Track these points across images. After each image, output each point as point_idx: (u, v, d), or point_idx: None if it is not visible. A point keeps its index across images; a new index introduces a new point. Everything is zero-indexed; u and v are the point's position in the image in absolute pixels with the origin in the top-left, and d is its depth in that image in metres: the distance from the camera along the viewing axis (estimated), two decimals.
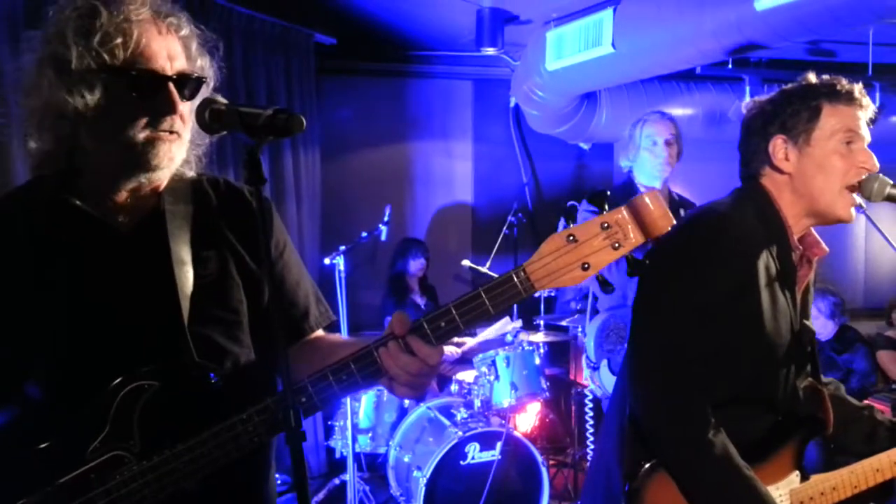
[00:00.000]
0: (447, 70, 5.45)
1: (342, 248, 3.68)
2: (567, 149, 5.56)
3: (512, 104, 5.54)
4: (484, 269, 5.03)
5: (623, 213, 1.03)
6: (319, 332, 1.43)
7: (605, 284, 1.07)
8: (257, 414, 1.13)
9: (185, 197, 1.29)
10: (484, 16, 4.34)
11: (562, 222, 4.07)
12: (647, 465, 1.49)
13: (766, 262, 1.52)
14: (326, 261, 3.71)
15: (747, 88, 4.80)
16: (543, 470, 3.49)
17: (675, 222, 1.05)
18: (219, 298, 1.27)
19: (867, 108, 1.56)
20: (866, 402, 3.35)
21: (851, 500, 1.64)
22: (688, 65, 3.91)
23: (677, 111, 4.76)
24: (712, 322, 1.47)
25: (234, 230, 1.31)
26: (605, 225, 1.03)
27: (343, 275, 3.61)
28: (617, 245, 1.03)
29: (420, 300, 4.74)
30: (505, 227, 5.11)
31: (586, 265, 1.03)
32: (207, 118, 1.12)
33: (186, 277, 1.23)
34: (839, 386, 1.80)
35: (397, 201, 5.14)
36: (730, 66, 4.72)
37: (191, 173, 1.28)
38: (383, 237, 4.09)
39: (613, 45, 3.79)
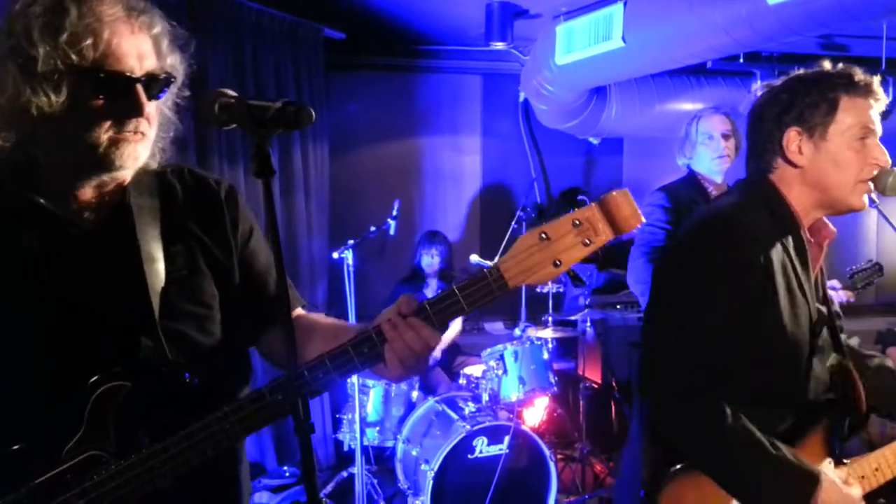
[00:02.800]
0: (456, 65, 5.44)
1: (350, 242, 3.68)
2: (576, 144, 5.55)
3: (521, 99, 5.52)
4: (492, 264, 5.02)
5: (594, 210, 1.05)
6: (299, 311, 1.43)
7: (575, 279, 1.10)
8: (233, 413, 1.14)
9: (151, 190, 1.28)
10: (493, 10, 4.33)
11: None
12: (663, 473, 1.49)
13: (781, 260, 1.50)
14: (335, 255, 3.72)
15: (758, 83, 4.76)
16: (551, 464, 3.49)
17: (644, 221, 1.06)
18: (190, 293, 1.26)
19: (881, 100, 1.54)
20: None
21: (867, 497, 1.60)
22: (698, 59, 3.89)
23: (687, 106, 4.73)
24: (734, 328, 1.44)
25: (201, 222, 1.31)
26: (577, 222, 1.05)
27: (351, 269, 3.61)
28: (587, 242, 1.05)
29: (434, 292, 4.69)
30: (513, 222, 5.09)
31: (558, 262, 1.06)
32: (217, 111, 1.12)
33: (156, 273, 1.22)
34: (884, 359, 1.74)
35: (406, 196, 5.15)
36: (741, 60, 4.70)
37: (154, 165, 1.27)
38: (392, 231, 4.09)
39: (623, 39, 3.77)
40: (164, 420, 1.15)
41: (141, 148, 1.19)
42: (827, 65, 1.58)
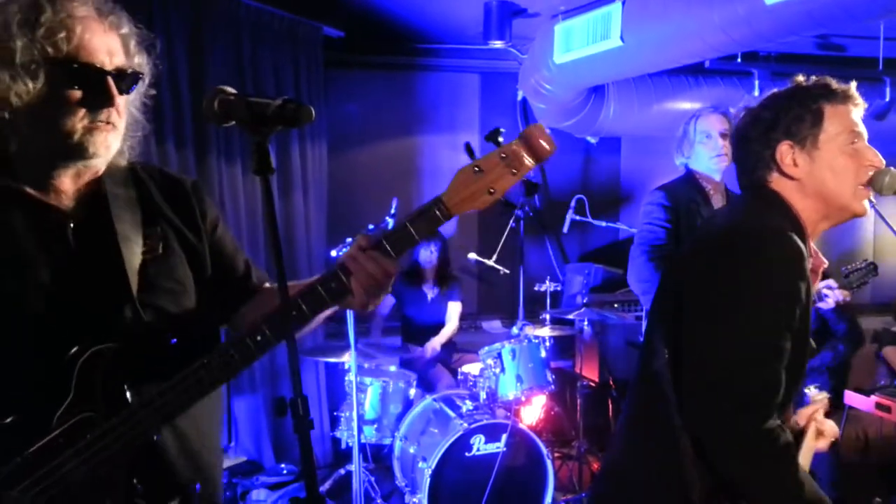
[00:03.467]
0: (454, 63, 5.43)
1: (349, 240, 3.68)
2: (574, 143, 5.55)
3: (519, 98, 5.53)
4: (490, 262, 5.02)
5: (517, 144, 1.24)
6: (267, 285, 1.56)
7: (507, 205, 1.14)
8: (217, 357, 1.25)
9: (126, 181, 1.38)
10: (492, 8, 4.33)
11: (570, 213, 4.04)
12: (726, 497, 1.45)
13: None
14: (333, 252, 3.71)
15: (756, 82, 4.78)
16: (548, 462, 3.50)
17: (556, 147, 1.22)
18: (166, 270, 1.37)
19: (861, 105, 1.56)
20: (874, 397, 3.36)
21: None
22: (696, 58, 3.90)
23: (685, 105, 4.75)
24: (788, 348, 1.44)
25: (174, 210, 1.42)
26: (504, 155, 1.23)
27: None
28: (515, 171, 1.24)
29: (431, 290, 4.70)
30: (511, 221, 5.10)
31: (492, 190, 1.24)
32: (216, 108, 1.13)
33: (133, 253, 1.32)
34: None
35: (404, 194, 5.14)
36: (739, 59, 4.70)
37: (124, 162, 1.38)
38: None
39: (622, 38, 3.77)
40: (148, 379, 1.26)
41: (112, 138, 1.28)
42: (800, 78, 1.59)
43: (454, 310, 4.70)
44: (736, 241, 1.52)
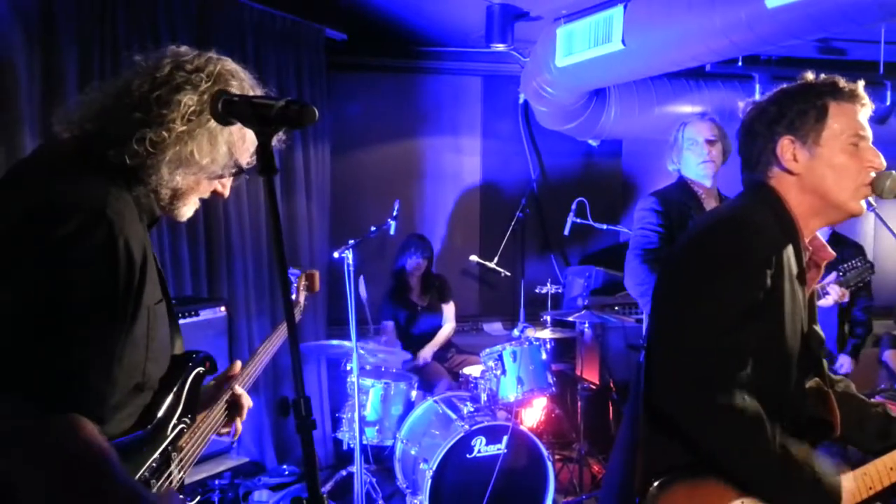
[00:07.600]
0: (457, 66, 5.45)
1: (351, 242, 3.70)
2: (576, 145, 5.57)
3: (521, 100, 5.54)
4: (491, 265, 5.04)
5: (303, 278, 2.17)
6: None
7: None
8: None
9: None
10: (494, 12, 4.35)
11: (571, 215, 4.09)
12: (657, 483, 1.47)
13: (788, 264, 1.52)
14: (335, 254, 3.73)
15: (757, 86, 4.79)
16: (549, 464, 3.50)
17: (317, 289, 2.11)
18: None
19: (868, 105, 1.56)
20: (875, 400, 3.37)
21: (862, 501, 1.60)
22: (698, 62, 3.91)
23: (686, 108, 4.75)
24: (747, 328, 1.45)
25: None
26: (302, 286, 2.17)
27: (352, 269, 3.63)
28: (306, 291, 2.18)
29: (420, 301, 4.68)
30: (513, 223, 5.11)
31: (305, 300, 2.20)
32: (220, 109, 1.14)
33: None
34: (849, 384, 1.77)
35: (406, 196, 5.16)
36: (740, 63, 4.72)
37: None
38: (392, 232, 4.10)
39: (623, 41, 3.79)
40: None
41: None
42: (810, 76, 1.60)
43: (449, 311, 4.72)
44: (704, 232, 1.58)
